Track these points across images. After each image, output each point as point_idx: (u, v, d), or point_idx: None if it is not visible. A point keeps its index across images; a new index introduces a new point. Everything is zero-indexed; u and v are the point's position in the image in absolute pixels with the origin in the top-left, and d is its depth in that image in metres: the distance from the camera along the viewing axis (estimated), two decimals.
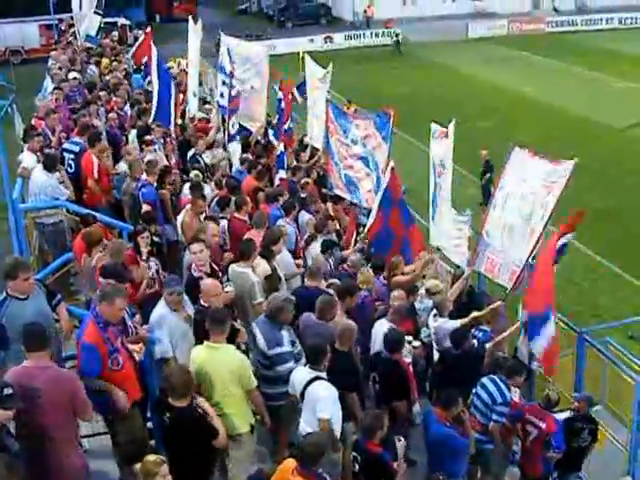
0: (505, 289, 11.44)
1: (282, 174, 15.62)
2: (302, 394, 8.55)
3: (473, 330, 10.89)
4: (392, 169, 12.91)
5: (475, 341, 10.68)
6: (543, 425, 9.86)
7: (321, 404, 8.31)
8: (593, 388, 11.96)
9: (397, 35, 57.72)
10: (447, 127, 12.52)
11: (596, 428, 10.48)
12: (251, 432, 8.55)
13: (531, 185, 11.04)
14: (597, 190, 26.07)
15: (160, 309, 9.13)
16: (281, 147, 16.35)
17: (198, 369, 8.27)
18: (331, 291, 10.49)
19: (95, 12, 28.38)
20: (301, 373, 8.72)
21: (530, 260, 10.99)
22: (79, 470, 7.60)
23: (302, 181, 15.62)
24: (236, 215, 12.71)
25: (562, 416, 10.58)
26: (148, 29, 26.97)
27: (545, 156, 11.08)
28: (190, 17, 21.61)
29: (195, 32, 20.57)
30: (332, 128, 15.16)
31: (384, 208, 12.97)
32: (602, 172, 27.77)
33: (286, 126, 18.16)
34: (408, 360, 9.94)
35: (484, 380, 9.81)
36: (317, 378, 8.47)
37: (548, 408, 10.14)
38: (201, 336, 8.71)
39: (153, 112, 17.66)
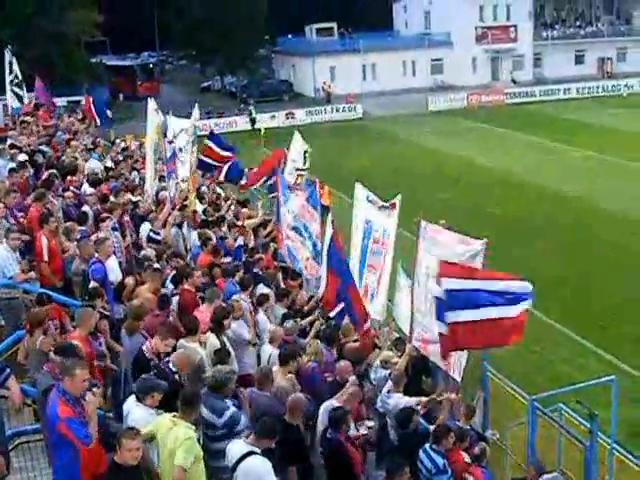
0: None
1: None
2: (234, 468, 8.47)
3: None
4: (334, 233, 12.44)
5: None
6: (471, 478, 10.02)
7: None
8: (550, 454, 11.96)
9: (251, 114, 59.46)
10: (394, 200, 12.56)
11: None
12: None
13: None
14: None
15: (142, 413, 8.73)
16: (240, 240, 16.42)
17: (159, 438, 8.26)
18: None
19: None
20: (237, 446, 8.63)
21: None
22: None
23: (256, 257, 15.59)
24: (185, 287, 12.80)
25: None
26: None
27: (454, 230, 10.98)
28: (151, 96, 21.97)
29: (153, 111, 20.91)
30: (282, 200, 15.31)
31: (336, 270, 12.54)
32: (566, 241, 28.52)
33: None
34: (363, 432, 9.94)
35: (420, 453, 9.89)
36: (251, 453, 8.42)
37: (477, 461, 10.34)
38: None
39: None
